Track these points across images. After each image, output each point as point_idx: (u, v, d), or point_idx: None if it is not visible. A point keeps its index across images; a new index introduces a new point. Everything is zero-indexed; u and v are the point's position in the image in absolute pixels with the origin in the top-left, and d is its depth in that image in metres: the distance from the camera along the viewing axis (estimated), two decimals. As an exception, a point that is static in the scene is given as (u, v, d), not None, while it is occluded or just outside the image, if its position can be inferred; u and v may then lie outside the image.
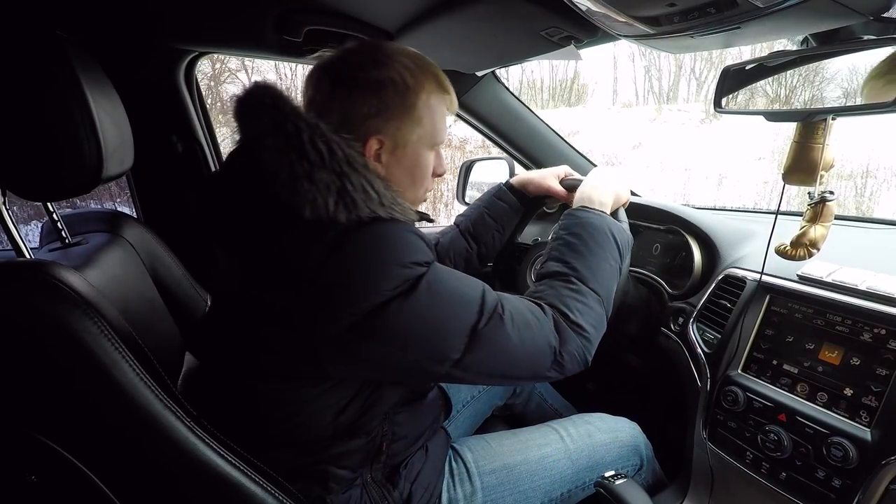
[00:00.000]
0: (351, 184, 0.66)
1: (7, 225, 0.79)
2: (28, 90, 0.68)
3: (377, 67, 0.74)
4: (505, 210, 1.18)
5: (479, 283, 0.75)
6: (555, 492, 0.94)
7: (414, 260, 0.68)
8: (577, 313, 0.78)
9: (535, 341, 0.74)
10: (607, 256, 0.85)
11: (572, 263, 0.83)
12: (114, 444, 0.64)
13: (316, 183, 0.65)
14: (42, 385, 0.61)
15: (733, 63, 0.80)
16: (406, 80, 0.74)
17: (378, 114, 0.74)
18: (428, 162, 0.82)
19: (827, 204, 0.79)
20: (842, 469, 0.76)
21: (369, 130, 0.74)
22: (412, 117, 0.76)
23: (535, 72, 11.16)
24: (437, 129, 0.81)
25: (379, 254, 0.66)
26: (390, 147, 0.77)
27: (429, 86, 0.77)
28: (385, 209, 0.69)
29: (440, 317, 0.69)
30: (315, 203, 0.64)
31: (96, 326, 0.61)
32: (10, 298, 0.59)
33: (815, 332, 0.87)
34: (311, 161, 0.65)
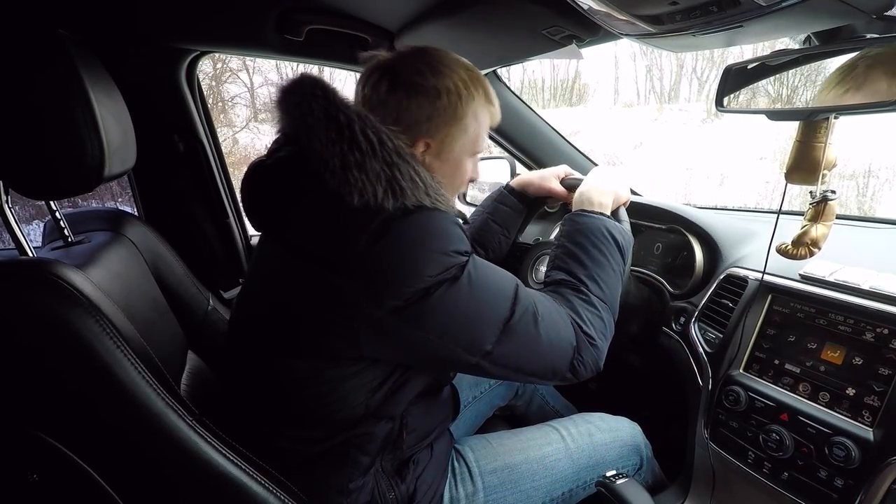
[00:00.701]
0: (400, 173, 0.69)
1: (10, 224, 0.79)
2: (30, 89, 0.68)
3: (435, 75, 0.77)
4: (508, 214, 1.19)
5: (513, 278, 0.78)
6: (556, 491, 0.94)
7: (456, 248, 0.71)
8: (588, 324, 0.81)
9: (561, 342, 0.77)
10: (610, 261, 0.87)
11: (577, 273, 0.86)
12: (115, 442, 0.64)
13: (367, 172, 0.67)
14: (44, 383, 0.61)
15: (735, 62, 0.80)
16: (460, 91, 0.78)
17: (430, 119, 0.78)
18: (467, 168, 0.86)
19: (828, 203, 0.79)
20: (844, 469, 0.76)
21: (420, 133, 0.78)
22: (461, 126, 0.80)
23: (537, 71, 11.15)
24: (480, 139, 0.85)
25: (423, 241, 0.69)
26: (436, 151, 0.80)
27: (479, 98, 0.81)
28: (430, 199, 0.71)
29: (478, 307, 0.72)
30: (363, 191, 0.67)
31: (98, 325, 0.61)
32: (12, 297, 0.59)
33: (817, 331, 0.87)
34: (363, 151, 0.68)
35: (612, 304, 0.86)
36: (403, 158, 0.71)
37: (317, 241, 0.71)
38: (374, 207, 0.67)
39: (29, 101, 0.68)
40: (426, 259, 0.68)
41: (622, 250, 0.90)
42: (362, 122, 0.69)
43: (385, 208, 0.67)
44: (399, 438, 0.83)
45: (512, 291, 0.75)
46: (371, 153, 0.68)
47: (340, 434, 0.77)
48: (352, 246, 0.67)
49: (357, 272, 0.67)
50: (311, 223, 0.72)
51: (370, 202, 0.67)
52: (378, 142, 0.69)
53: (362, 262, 0.67)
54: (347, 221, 0.68)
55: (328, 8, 1.10)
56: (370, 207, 0.67)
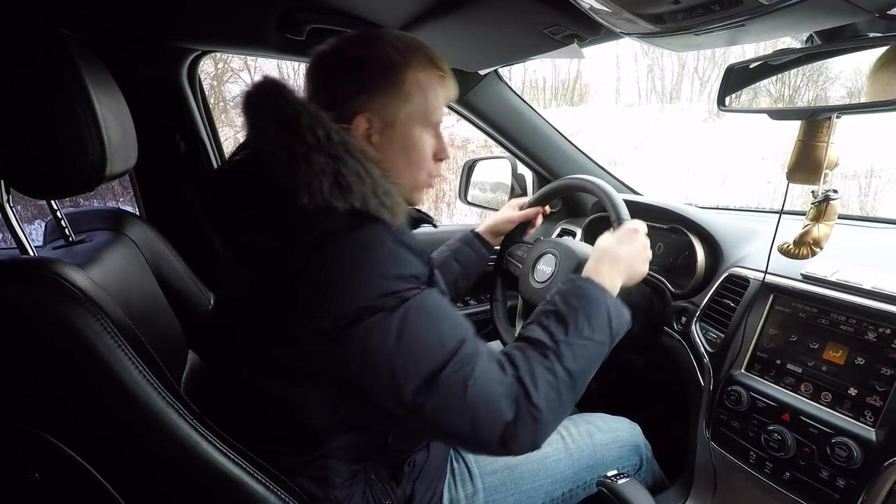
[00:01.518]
0: (346, 166, 0.67)
1: (11, 223, 0.79)
2: (32, 88, 0.68)
3: (364, 46, 0.75)
4: (471, 257, 1.21)
5: (463, 328, 0.71)
6: (556, 491, 0.94)
7: (399, 273, 0.66)
8: (541, 395, 0.70)
9: (490, 413, 0.68)
10: (594, 337, 0.77)
11: (556, 336, 0.76)
12: (116, 441, 0.64)
13: (312, 165, 0.65)
14: (45, 382, 0.61)
15: (737, 61, 0.80)
16: (392, 57, 0.74)
17: (363, 90, 0.74)
18: (423, 142, 0.80)
19: (830, 203, 0.79)
20: (846, 469, 0.76)
21: (354, 107, 0.74)
22: (399, 93, 0.75)
23: (538, 71, 11.16)
24: (431, 107, 0.79)
25: (363, 261, 0.65)
26: (379, 126, 0.76)
27: (417, 63, 0.76)
28: (377, 199, 0.68)
29: (406, 350, 0.65)
30: (311, 186, 0.65)
31: (100, 324, 0.61)
32: (14, 296, 0.59)
33: (819, 331, 0.87)
34: (309, 143, 0.66)
35: (578, 384, 0.75)
36: (351, 154, 0.69)
37: (264, 242, 0.69)
38: (322, 210, 0.65)
39: (30, 100, 0.68)
40: (363, 282, 0.64)
41: (613, 333, 0.80)
42: (310, 117, 0.68)
43: (333, 212, 0.65)
44: (384, 446, 0.80)
45: (454, 343, 0.68)
46: (317, 146, 0.67)
47: (311, 448, 0.75)
48: (292, 251, 0.66)
49: (292, 283, 0.66)
50: (261, 224, 0.70)
51: (318, 200, 0.65)
52: (325, 136, 0.67)
53: (297, 272, 0.65)
54: (295, 223, 0.67)
55: (329, 7, 1.09)
56: (319, 211, 0.65)
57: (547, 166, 1.68)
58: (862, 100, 0.71)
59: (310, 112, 0.68)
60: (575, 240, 1.35)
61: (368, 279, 0.65)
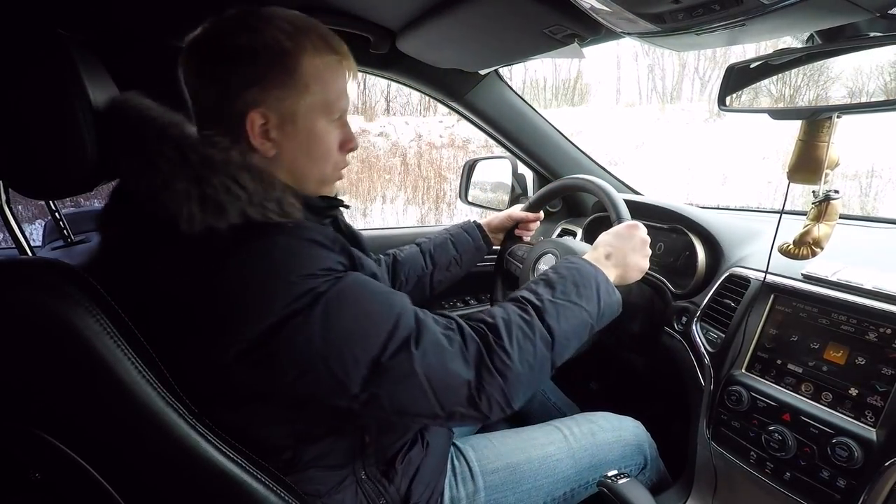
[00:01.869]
0: (211, 187, 0.62)
1: (10, 224, 0.79)
2: (31, 89, 0.68)
3: (248, 33, 0.67)
4: (468, 242, 1.21)
5: (397, 303, 0.67)
6: (557, 491, 0.93)
7: (308, 272, 0.62)
8: (513, 343, 0.67)
9: (448, 377, 0.64)
10: (581, 303, 0.75)
11: (540, 294, 0.74)
12: (116, 441, 0.64)
13: (174, 193, 0.61)
14: (45, 382, 0.61)
15: (738, 61, 0.80)
16: (282, 44, 0.67)
17: (254, 84, 0.67)
18: (327, 134, 0.73)
19: (831, 203, 0.79)
20: (846, 469, 0.76)
21: (247, 104, 0.67)
22: (296, 85, 0.68)
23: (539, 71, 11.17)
24: (333, 96, 0.72)
25: (264, 270, 0.61)
26: (276, 121, 0.69)
27: (312, 48, 0.69)
28: (256, 208, 0.63)
29: (339, 344, 0.61)
30: (181, 214, 0.61)
31: (99, 324, 0.61)
32: (13, 296, 0.59)
33: (819, 331, 0.87)
34: (163, 172, 0.62)
35: (558, 345, 0.72)
36: (214, 169, 0.63)
37: (160, 282, 0.65)
38: (205, 234, 0.61)
39: (29, 100, 0.68)
40: (269, 292, 0.60)
41: (600, 310, 0.78)
42: (159, 140, 0.63)
43: (217, 233, 0.61)
44: (363, 446, 0.78)
45: (390, 322, 0.64)
46: (172, 172, 0.62)
47: (282, 465, 0.72)
48: (187, 284, 0.62)
49: (197, 312, 0.63)
50: (150, 262, 0.66)
51: (196, 225, 0.61)
52: (179, 157, 0.62)
53: (201, 301, 0.62)
54: (180, 254, 0.63)
55: (329, 7, 1.09)
56: (202, 235, 0.61)
57: (547, 166, 1.67)
58: (863, 99, 0.71)
59: (158, 132, 0.64)
60: (575, 240, 1.35)
61: (273, 290, 0.61)
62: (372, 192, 7.25)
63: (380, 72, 1.44)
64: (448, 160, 7.72)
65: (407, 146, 8.58)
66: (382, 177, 7.63)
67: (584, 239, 1.46)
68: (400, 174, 7.72)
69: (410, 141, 8.82)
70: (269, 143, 0.70)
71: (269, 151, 0.70)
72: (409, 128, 9.30)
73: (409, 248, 1.20)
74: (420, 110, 10.55)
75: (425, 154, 8.06)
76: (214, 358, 0.63)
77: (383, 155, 8.32)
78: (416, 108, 10.63)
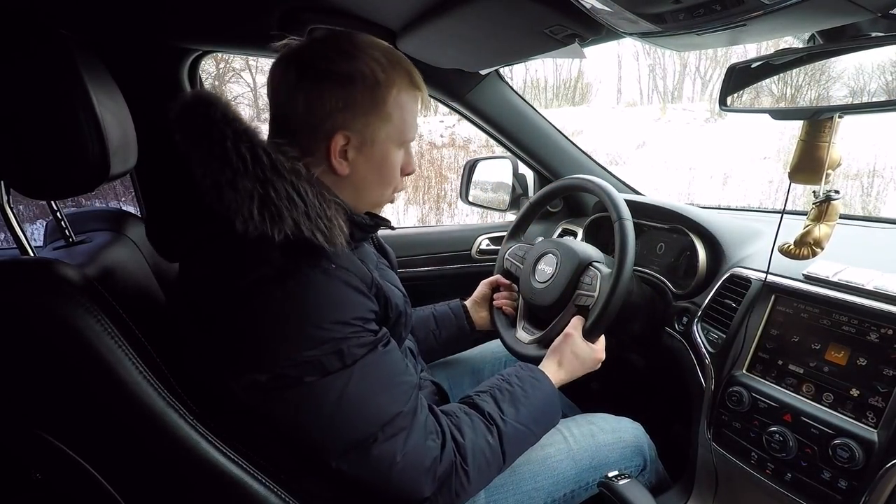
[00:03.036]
0: (275, 190, 0.64)
1: (11, 224, 0.79)
2: (32, 89, 0.68)
3: (347, 60, 0.71)
4: (451, 323, 1.20)
5: (404, 395, 0.71)
6: (557, 492, 0.93)
7: (340, 319, 0.65)
8: (474, 469, 0.74)
9: (410, 487, 0.69)
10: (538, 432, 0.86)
11: (505, 415, 0.81)
12: (117, 441, 0.64)
13: (239, 191, 0.63)
14: (46, 383, 0.61)
15: (739, 61, 0.80)
16: (377, 75, 0.71)
17: (345, 108, 0.71)
18: (396, 161, 0.79)
19: (832, 203, 0.79)
20: (848, 470, 0.76)
21: (335, 125, 0.72)
22: (381, 114, 0.73)
23: (539, 71, 11.18)
24: (408, 127, 0.78)
25: (293, 312, 0.64)
26: (357, 144, 0.74)
27: (400, 82, 0.74)
28: (310, 222, 0.65)
29: (342, 417, 0.65)
30: (241, 213, 0.63)
31: (100, 324, 0.61)
32: (14, 297, 0.59)
33: (821, 332, 0.87)
34: (234, 168, 0.64)
35: (507, 464, 0.81)
36: (280, 174, 0.65)
37: (199, 272, 0.69)
38: (255, 243, 0.63)
39: (30, 101, 0.68)
40: (299, 334, 0.63)
41: (546, 430, 0.88)
42: (236, 137, 0.65)
43: (266, 249, 0.63)
44: None
45: (390, 415, 0.68)
46: (242, 170, 0.64)
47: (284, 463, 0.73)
48: (225, 295, 0.65)
49: (223, 331, 0.65)
50: (199, 251, 0.70)
51: (251, 230, 0.63)
52: (252, 157, 0.65)
53: (230, 321, 0.65)
54: (230, 254, 0.66)
55: (330, 7, 1.09)
56: (253, 243, 0.63)
57: (548, 166, 1.67)
58: (864, 99, 0.71)
59: (235, 131, 0.66)
60: (576, 240, 1.34)
61: (305, 331, 0.63)
62: (373, 192, 7.23)
63: (380, 72, 1.44)
64: (449, 160, 7.71)
65: (408, 146, 8.55)
66: (383, 177, 7.61)
67: (584, 239, 1.46)
68: (401, 174, 7.70)
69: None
70: (346, 163, 0.74)
71: (343, 170, 0.74)
72: (409, 127, 9.29)
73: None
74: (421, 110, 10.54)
75: (426, 154, 8.06)
76: (228, 377, 0.65)
77: (384, 155, 8.28)
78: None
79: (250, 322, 0.64)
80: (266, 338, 0.63)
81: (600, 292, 1.00)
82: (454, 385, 1.18)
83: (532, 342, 1.10)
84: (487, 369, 1.24)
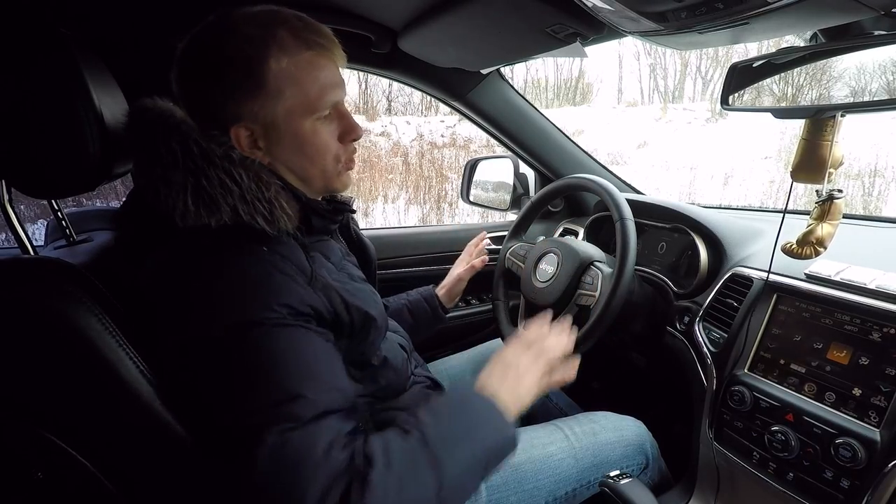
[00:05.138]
0: (206, 179, 0.62)
1: (13, 223, 0.79)
2: (33, 88, 0.68)
3: (216, 46, 0.66)
4: (426, 314, 1.19)
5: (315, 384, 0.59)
6: (559, 491, 0.93)
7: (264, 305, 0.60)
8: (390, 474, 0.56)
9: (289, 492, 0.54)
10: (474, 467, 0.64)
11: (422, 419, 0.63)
12: (118, 440, 0.64)
13: (172, 185, 0.62)
14: (48, 382, 0.61)
15: (741, 60, 0.80)
16: (245, 53, 0.64)
17: (229, 98, 0.66)
18: (316, 133, 0.70)
19: (835, 202, 0.79)
20: (850, 469, 0.75)
21: (228, 119, 0.67)
22: (267, 92, 0.66)
23: (540, 70, 11.19)
24: (313, 95, 0.68)
25: (228, 287, 0.61)
26: (260, 131, 0.68)
27: (278, 49, 0.65)
28: (247, 206, 0.63)
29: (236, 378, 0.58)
30: (177, 207, 0.62)
31: (101, 323, 0.61)
32: (16, 295, 0.59)
33: (822, 331, 0.87)
34: (164, 163, 0.63)
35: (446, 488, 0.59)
36: (212, 162, 0.63)
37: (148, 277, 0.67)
38: (196, 231, 0.62)
39: (31, 99, 0.68)
40: (226, 305, 0.60)
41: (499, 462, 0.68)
42: (167, 132, 0.64)
43: (206, 232, 0.62)
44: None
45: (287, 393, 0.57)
46: (173, 164, 0.62)
47: None
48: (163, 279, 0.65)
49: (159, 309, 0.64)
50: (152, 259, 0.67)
51: (190, 222, 0.62)
52: (182, 150, 0.63)
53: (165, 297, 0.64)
54: (170, 251, 0.65)
55: (331, 6, 1.09)
56: (193, 232, 0.62)
57: (549, 166, 1.67)
58: (866, 98, 0.70)
59: (167, 126, 0.65)
60: (577, 239, 1.34)
61: (216, 308, 0.60)
62: (373, 192, 7.25)
63: (381, 71, 1.44)
64: (450, 160, 7.71)
65: (408, 146, 8.58)
66: (384, 176, 7.63)
67: (586, 238, 1.46)
68: (401, 174, 7.72)
69: (412, 140, 8.82)
70: (260, 152, 0.70)
71: (263, 159, 0.70)
72: (410, 127, 9.30)
73: None
74: (421, 110, 10.56)
75: (427, 154, 8.06)
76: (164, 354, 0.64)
77: (385, 154, 8.32)
78: (418, 108, 10.63)
79: (164, 297, 0.63)
80: (177, 311, 0.62)
81: (601, 292, 1.00)
82: (454, 382, 1.17)
83: (533, 341, 1.09)
84: (488, 369, 1.24)
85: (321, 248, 0.77)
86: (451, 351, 1.39)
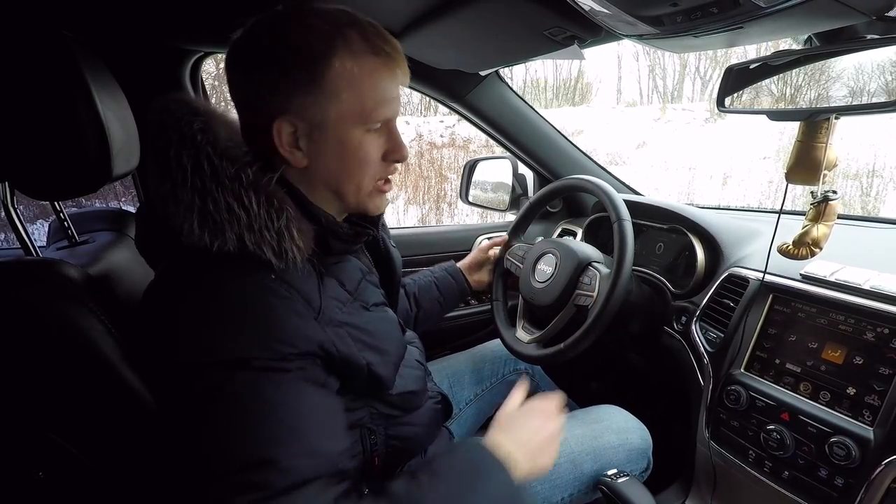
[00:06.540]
0: (213, 202, 0.58)
1: (15, 224, 0.80)
2: (35, 90, 0.68)
3: (283, 33, 0.62)
4: (452, 286, 1.23)
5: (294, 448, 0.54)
6: (554, 497, 0.92)
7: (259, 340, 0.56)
8: None
9: None
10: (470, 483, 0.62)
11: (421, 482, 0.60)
12: (119, 440, 0.65)
13: (180, 204, 0.59)
14: (49, 382, 0.62)
15: (737, 62, 0.80)
16: (311, 45, 0.61)
17: (279, 90, 0.62)
18: (362, 145, 0.67)
19: (830, 203, 0.79)
20: (844, 468, 0.76)
21: (272, 112, 0.63)
22: (323, 90, 0.62)
23: (539, 71, 11.18)
24: (369, 104, 0.65)
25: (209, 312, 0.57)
26: (306, 129, 0.64)
27: (345, 50, 0.62)
28: (254, 235, 0.59)
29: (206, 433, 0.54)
30: (184, 227, 0.58)
31: (102, 324, 0.62)
32: (18, 297, 0.60)
33: (818, 331, 0.87)
34: (173, 179, 0.59)
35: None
36: (220, 182, 0.59)
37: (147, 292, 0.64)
38: (199, 251, 0.59)
39: (33, 102, 0.68)
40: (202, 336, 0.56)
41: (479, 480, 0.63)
42: (181, 143, 0.60)
43: (208, 256, 0.58)
44: (372, 465, 0.75)
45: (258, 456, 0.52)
46: (182, 181, 0.59)
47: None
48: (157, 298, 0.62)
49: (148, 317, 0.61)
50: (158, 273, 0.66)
51: (196, 242, 0.58)
52: (192, 165, 0.59)
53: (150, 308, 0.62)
54: (171, 269, 0.63)
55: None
56: (198, 252, 0.59)
57: (548, 166, 1.68)
58: (864, 99, 0.71)
59: (182, 137, 0.61)
60: (575, 240, 1.35)
61: (207, 339, 0.56)
62: (373, 192, 7.23)
63: (381, 72, 1.44)
64: (449, 160, 7.71)
65: (408, 146, 8.57)
66: (383, 176, 7.61)
67: (584, 239, 1.47)
68: (401, 174, 7.72)
69: (411, 141, 8.81)
70: (300, 153, 0.65)
71: (300, 162, 0.65)
72: (409, 128, 9.30)
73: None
74: (421, 110, 10.55)
75: (426, 154, 8.05)
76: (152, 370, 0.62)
77: (384, 155, 8.28)
78: (417, 108, 10.63)
79: (155, 314, 0.61)
80: (165, 333, 0.59)
81: (599, 292, 1.01)
82: (454, 384, 1.18)
83: (532, 341, 1.10)
84: (487, 369, 1.24)
85: (337, 273, 0.73)
86: (449, 351, 1.40)
